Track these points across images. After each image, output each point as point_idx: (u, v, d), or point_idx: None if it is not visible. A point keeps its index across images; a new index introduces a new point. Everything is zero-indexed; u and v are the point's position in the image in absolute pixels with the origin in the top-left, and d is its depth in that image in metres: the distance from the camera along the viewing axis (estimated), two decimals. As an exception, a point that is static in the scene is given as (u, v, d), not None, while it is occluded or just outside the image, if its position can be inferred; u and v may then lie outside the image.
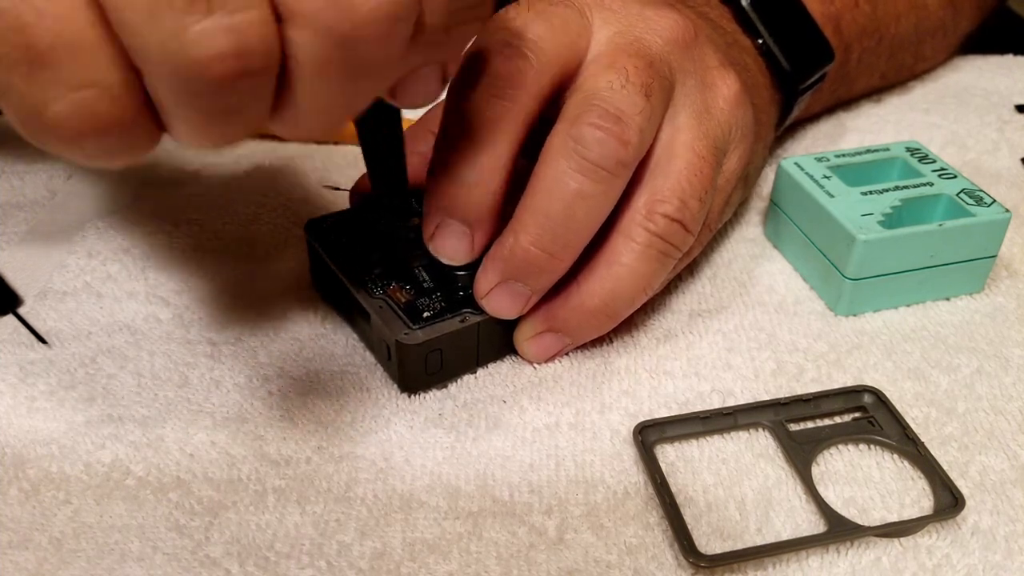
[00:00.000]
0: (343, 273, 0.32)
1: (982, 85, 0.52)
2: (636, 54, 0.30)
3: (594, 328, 0.32)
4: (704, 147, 0.31)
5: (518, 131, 0.29)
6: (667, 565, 0.26)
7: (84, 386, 0.31)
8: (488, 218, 0.30)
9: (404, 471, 0.28)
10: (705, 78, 0.33)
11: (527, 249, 0.29)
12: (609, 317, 0.31)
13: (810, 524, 0.27)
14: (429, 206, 0.30)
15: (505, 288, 0.30)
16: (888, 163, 0.38)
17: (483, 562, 0.26)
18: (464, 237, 0.30)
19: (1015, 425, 0.30)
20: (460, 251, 0.30)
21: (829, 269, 0.35)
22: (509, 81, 0.28)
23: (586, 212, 0.29)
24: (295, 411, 0.30)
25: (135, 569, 0.25)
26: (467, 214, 0.29)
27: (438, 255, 0.30)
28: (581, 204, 0.29)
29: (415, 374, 0.31)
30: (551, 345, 0.32)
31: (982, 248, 0.35)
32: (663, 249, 0.30)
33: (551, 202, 0.29)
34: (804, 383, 0.32)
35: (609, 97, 0.29)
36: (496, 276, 0.30)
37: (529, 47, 0.29)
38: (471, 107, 0.29)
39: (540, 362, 0.33)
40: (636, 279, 0.31)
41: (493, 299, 0.30)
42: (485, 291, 0.30)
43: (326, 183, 0.42)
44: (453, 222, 0.30)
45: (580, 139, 0.28)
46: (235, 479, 0.28)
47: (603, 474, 0.28)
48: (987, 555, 0.26)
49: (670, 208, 0.30)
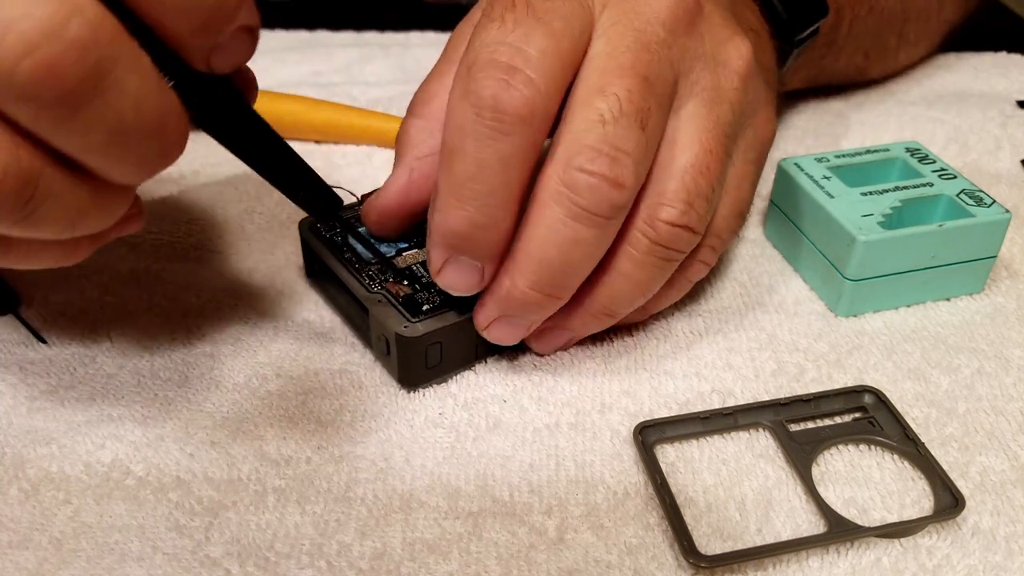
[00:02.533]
0: (340, 268, 0.32)
1: (981, 82, 0.52)
2: (630, 69, 0.28)
3: (596, 325, 0.32)
4: (712, 137, 0.30)
5: (529, 164, 0.27)
6: (667, 565, 0.26)
7: (84, 386, 0.31)
8: (500, 253, 0.29)
9: (404, 471, 0.28)
10: (716, 55, 0.31)
11: (525, 292, 0.28)
12: (610, 316, 0.31)
13: (810, 524, 0.27)
14: (436, 242, 0.29)
15: (505, 321, 0.30)
16: (888, 163, 0.38)
17: (483, 562, 0.26)
18: (475, 272, 0.29)
19: (1015, 426, 0.30)
20: (471, 285, 0.29)
21: (829, 270, 0.35)
22: (518, 117, 0.26)
23: (583, 255, 0.28)
24: (295, 411, 0.30)
25: (135, 569, 0.25)
26: (479, 252, 0.28)
27: (447, 288, 0.30)
28: (577, 249, 0.28)
29: (415, 368, 0.31)
30: (555, 338, 0.32)
31: (982, 248, 0.35)
32: (664, 256, 0.30)
33: (546, 249, 0.28)
34: (804, 383, 0.32)
35: (601, 135, 0.27)
36: (495, 312, 0.30)
37: (534, 69, 0.26)
38: (480, 145, 0.27)
39: (547, 354, 0.33)
40: (635, 284, 0.30)
41: (494, 332, 0.30)
42: (484, 325, 0.30)
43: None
44: (464, 259, 0.28)
45: (572, 186, 0.27)
46: (235, 479, 0.28)
47: (603, 474, 0.28)
48: (987, 556, 0.26)
49: (674, 214, 0.29)
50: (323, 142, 0.46)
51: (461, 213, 0.27)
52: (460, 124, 0.27)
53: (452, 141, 0.27)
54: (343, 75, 0.54)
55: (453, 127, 0.27)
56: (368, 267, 0.32)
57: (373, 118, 0.46)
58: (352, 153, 0.45)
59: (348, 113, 0.46)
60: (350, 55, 0.56)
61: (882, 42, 0.49)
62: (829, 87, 0.52)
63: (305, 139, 0.46)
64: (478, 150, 0.27)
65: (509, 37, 0.27)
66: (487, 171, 0.27)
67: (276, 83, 0.52)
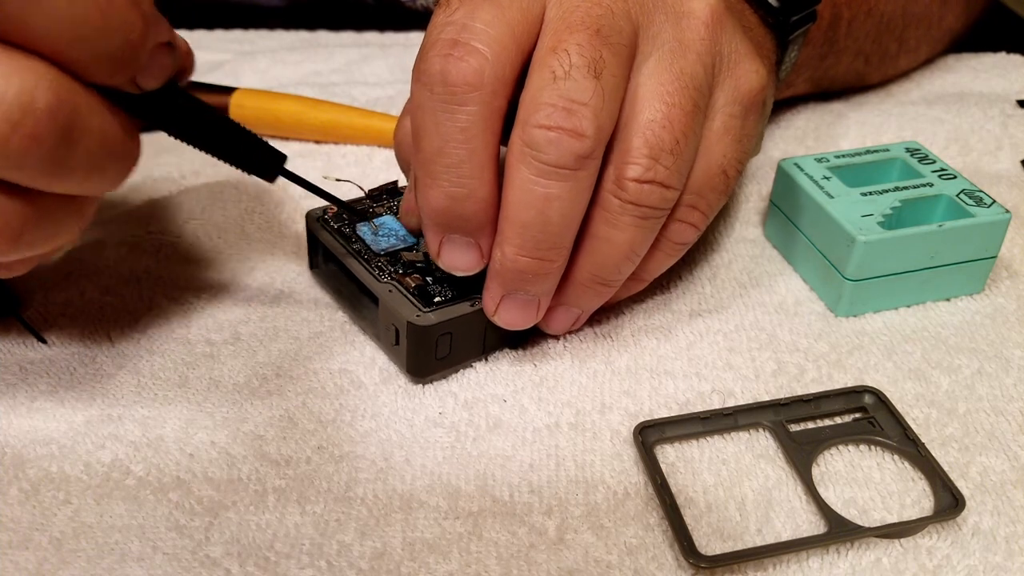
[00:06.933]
0: (349, 259, 0.32)
1: (981, 82, 0.52)
2: (580, 25, 0.28)
3: (594, 296, 0.32)
4: (675, 90, 0.29)
5: (492, 129, 0.28)
6: (667, 566, 0.26)
7: (84, 386, 0.31)
8: (488, 222, 0.29)
9: (404, 471, 0.28)
10: (678, 6, 0.31)
11: (515, 259, 0.29)
12: (604, 285, 0.31)
13: (810, 525, 0.27)
14: (427, 225, 0.29)
15: (511, 300, 0.30)
16: (888, 164, 0.38)
17: (483, 562, 0.26)
18: (470, 248, 0.29)
19: (1016, 426, 0.30)
20: (471, 262, 0.30)
21: (829, 270, 0.35)
22: (468, 85, 0.27)
23: (560, 211, 0.28)
24: (295, 411, 0.30)
25: (135, 569, 0.25)
26: (466, 225, 0.29)
27: (450, 270, 0.30)
28: (552, 206, 0.28)
29: (424, 358, 0.31)
30: (564, 317, 0.32)
31: (982, 249, 0.35)
32: (639, 215, 0.29)
33: (523, 211, 0.28)
34: (804, 383, 0.32)
35: (554, 90, 0.27)
36: (498, 290, 0.30)
37: (479, 39, 0.27)
38: (438, 120, 0.28)
39: (562, 333, 0.33)
40: (616, 248, 0.30)
41: (503, 314, 0.30)
42: (493, 307, 0.30)
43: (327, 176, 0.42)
44: (455, 236, 0.29)
45: (533, 144, 0.27)
46: (235, 479, 0.28)
47: (603, 474, 0.28)
48: (987, 556, 0.26)
49: (638, 170, 0.29)
50: (323, 142, 0.46)
51: (437, 190, 0.28)
52: (419, 103, 0.28)
53: (416, 122, 0.28)
54: (343, 75, 0.54)
55: (414, 109, 0.28)
56: (378, 258, 0.32)
57: (373, 118, 0.46)
58: (352, 153, 0.45)
59: (348, 113, 0.46)
60: (350, 55, 0.56)
61: (882, 47, 0.49)
62: (829, 88, 0.52)
63: (305, 139, 0.46)
64: (437, 125, 0.28)
65: (454, 16, 0.28)
66: (450, 143, 0.28)
67: (276, 83, 0.52)
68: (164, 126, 0.27)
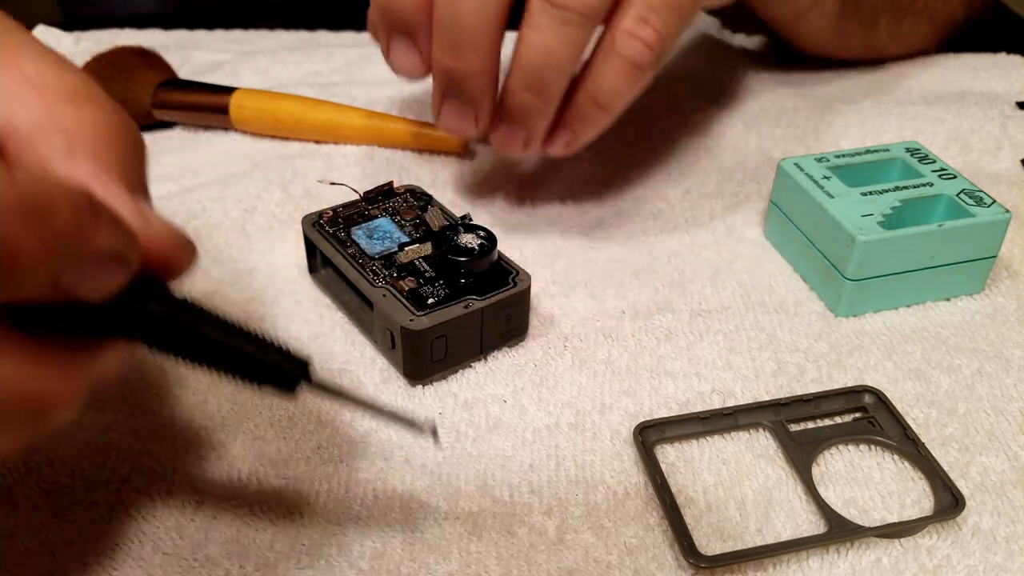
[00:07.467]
0: (344, 263, 0.32)
1: (981, 82, 0.52)
2: None
3: (535, 113, 0.34)
4: None
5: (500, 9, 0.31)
6: (667, 566, 0.26)
7: (84, 386, 0.31)
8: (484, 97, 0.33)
9: (404, 471, 0.28)
10: None
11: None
12: (536, 96, 0.33)
13: (810, 525, 0.27)
14: (434, 87, 0.34)
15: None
16: (888, 163, 0.38)
17: (483, 562, 0.26)
18: (467, 114, 0.34)
19: (1016, 426, 0.30)
20: (465, 126, 0.34)
21: (829, 270, 0.35)
22: None
23: (471, 9, 0.31)
24: (295, 411, 0.30)
25: (135, 569, 0.25)
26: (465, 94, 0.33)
27: (447, 130, 0.35)
28: (463, 4, 0.31)
29: (420, 361, 0.31)
30: (508, 134, 0.35)
31: (982, 248, 0.35)
32: (562, 19, 0.31)
33: (440, 9, 0.31)
34: (804, 383, 0.32)
35: None
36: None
37: None
38: None
39: (514, 152, 0.36)
40: (535, 51, 0.32)
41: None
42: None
43: (322, 180, 0.42)
44: (455, 101, 0.34)
45: None
46: (235, 479, 0.28)
47: (603, 474, 0.28)
48: (987, 556, 0.26)
49: None
50: (323, 142, 0.46)
51: (443, 55, 0.32)
52: None
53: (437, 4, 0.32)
54: (343, 75, 0.54)
55: None
56: (372, 262, 0.33)
57: (373, 118, 0.46)
58: (352, 153, 0.45)
59: (348, 113, 0.46)
60: (350, 55, 0.56)
61: None
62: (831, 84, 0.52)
63: (305, 139, 0.46)
64: None
65: None
66: (462, 11, 0.31)
67: (276, 83, 0.52)
68: (145, 341, 0.21)
